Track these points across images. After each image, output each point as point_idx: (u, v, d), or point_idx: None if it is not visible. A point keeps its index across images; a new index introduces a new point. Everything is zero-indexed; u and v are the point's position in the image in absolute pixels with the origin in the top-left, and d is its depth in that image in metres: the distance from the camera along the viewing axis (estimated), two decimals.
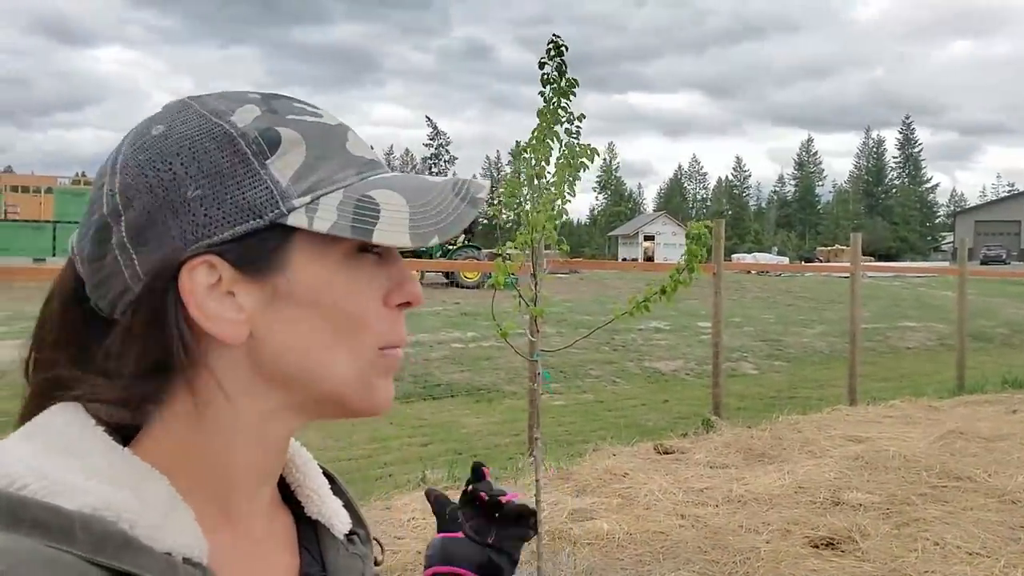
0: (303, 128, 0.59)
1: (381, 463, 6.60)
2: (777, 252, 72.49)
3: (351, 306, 0.59)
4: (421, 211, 0.58)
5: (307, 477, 0.70)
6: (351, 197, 0.58)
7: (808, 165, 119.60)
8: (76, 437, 0.55)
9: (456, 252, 26.84)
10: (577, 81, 3.44)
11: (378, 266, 0.61)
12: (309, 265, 0.58)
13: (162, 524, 0.53)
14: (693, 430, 6.79)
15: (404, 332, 0.62)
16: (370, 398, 0.61)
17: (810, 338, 15.32)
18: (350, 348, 0.59)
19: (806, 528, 3.97)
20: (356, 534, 0.71)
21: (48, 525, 0.49)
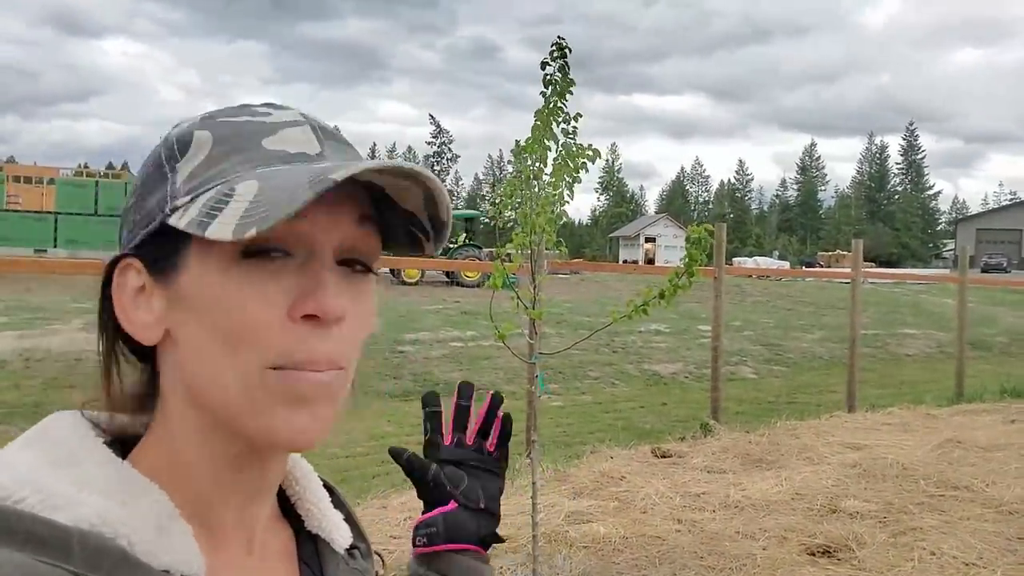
0: (221, 128, 0.57)
1: (379, 461, 6.60)
2: (778, 256, 72.49)
3: (238, 315, 0.53)
4: (260, 200, 0.51)
5: (307, 490, 0.68)
6: (221, 191, 0.54)
7: (811, 169, 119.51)
8: (75, 448, 0.55)
9: (457, 251, 26.84)
10: (574, 81, 3.44)
11: (289, 272, 0.55)
12: (200, 268, 0.55)
13: (160, 540, 0.52)
14: (691, 434, 6.79)
15: (317, 349, 0.54)
16: (265, 427, 0.54)
17: (809, 343, 15.31)
18: (234, 364, 0.54)
19: (803, 535, 3.96)
20: (357, 548, 0.70)
21: (44, 540, 0.48)
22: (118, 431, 0.60)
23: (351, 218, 0.57)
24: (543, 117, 3.39)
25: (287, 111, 0.60)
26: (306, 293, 0.54)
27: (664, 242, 65.53)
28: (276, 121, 0.58)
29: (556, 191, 3.35)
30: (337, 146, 0.59)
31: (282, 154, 0.56)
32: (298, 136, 0.57)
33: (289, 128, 0.58)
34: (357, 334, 0.58)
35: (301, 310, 0.54)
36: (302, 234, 0.55)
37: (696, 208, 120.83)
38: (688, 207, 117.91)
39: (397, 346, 11.77)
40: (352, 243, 0.57)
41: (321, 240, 0.55)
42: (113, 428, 0.60)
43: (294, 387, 0.53)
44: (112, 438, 0.59)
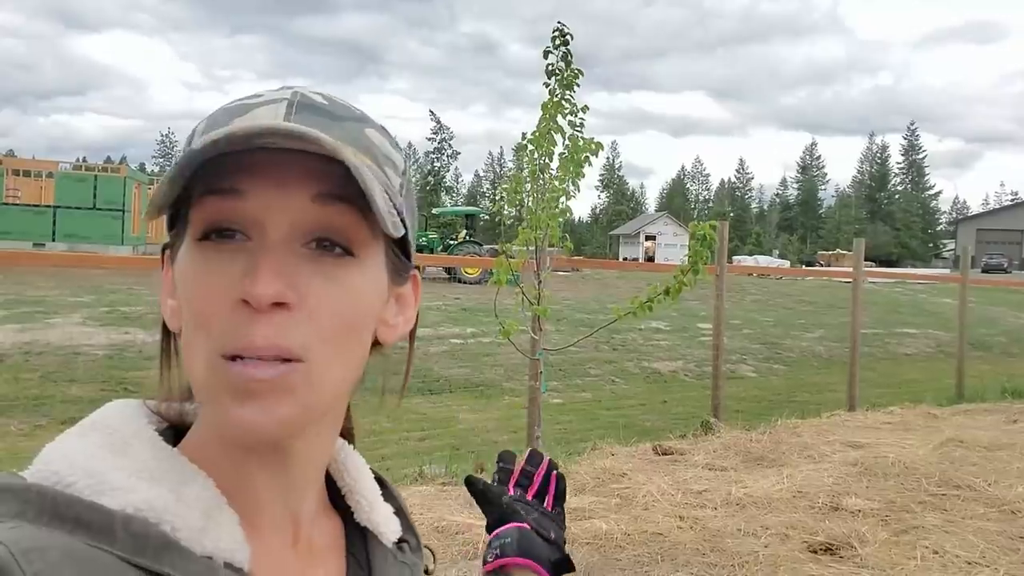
0: (213, 114, 0.57)
1: (378, 456, 6.59)
2: (778, 255, 72.52)
3: (192, 299, 0.53)
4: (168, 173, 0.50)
5: (357, 482, 0.68)
6: None
7: (811, 169, 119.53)
8: (126, 435, 0.55)
9: (457, 247, 26.85)
10: (581, 71, 3.41)
11: (245, 254, 0.53)
12: (180, 254, 0.55)
13: (204, 527, 0.52)
14: (692, 432, 6.79)
15: (247, 336, 0.51)
16: (221, 419, 0.52)
17: (809, 342, 15.32)
18: (197, 351, 0.53)
19: (804, 533, 3.96)
20: (406, 542, 0.69)
21: (90, 524, 0.48)
22: (177, 419, 0.61)
23: (306, 195, 0.53)
24: (548, 110, 3.37)
25: (281, 91, 0.57)
26: (241, 277, 0.51)
27: (664, 240, 65.52)
28: (257, 102, 0.56)
29: (562, 185, 3.33)
30: (311, 120, 0.54)
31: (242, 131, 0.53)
32: (265, 114, 0.55)
33: (263, 107, 0.55)
34: (325, 320, 0.53)
35: (236, 294, 0.51)
36: (249, 214, 0.52)
37: (696, 206, 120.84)
38: (688, 205, 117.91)
39: (397, 342, 11.79)
40: (314, 223, 0.53)
41: (267, 220, 0.53)
42: (172, 416, 0.61)
43: (237, 378, 0.51)
44: (169, 426, 0.60)
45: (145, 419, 0.58)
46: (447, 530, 4.03)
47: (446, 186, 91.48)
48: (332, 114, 0.56)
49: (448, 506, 4.44)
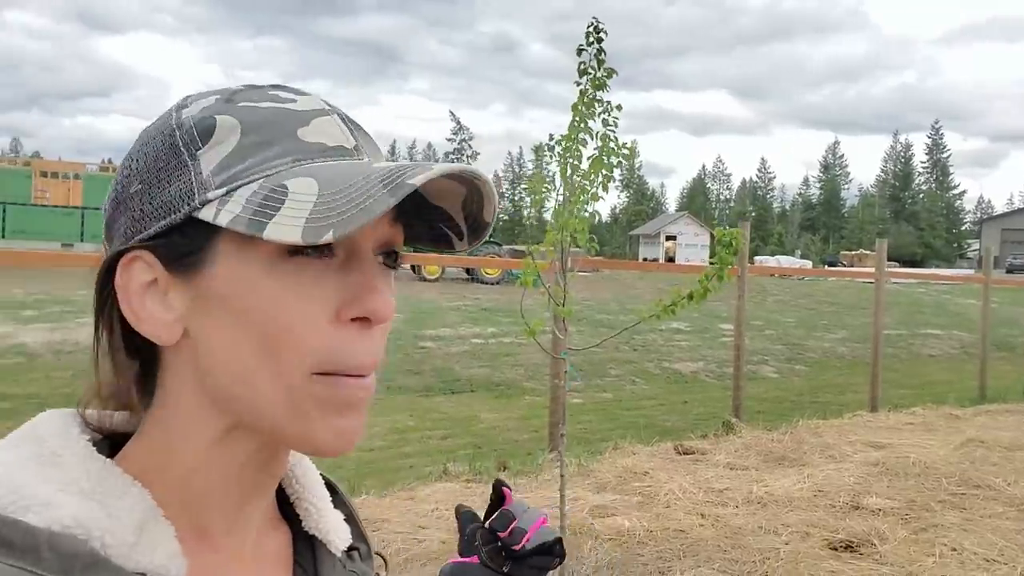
0: (247, 114, 0.54)
1: (402, 454, 6.70)
2: (800, 255, 71.99)
3: (277, 316, 0.51)
4: (327, 201, 0.49)
5: (306, 489, 0.65)
6: (266, 187, 0.50)
7: (834, 168, 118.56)
8: (57, 446, 0.53)
9: (477, 248, 26.94)
10: (615, 71, 3.44)
11: (332, 271, 0.52)
12: (234, 265, 0.52)
13: (136, 541, 0.50)
14: (713, 432, 6.84)
15: (365, 353, 0.52)
16: (307, 435, 0.52)
17: (831, 343, 15.27)
18: (274, 367, 0.51)
19: (825, 531, 4.02)
20: (356, 549, 0.67)
21: (12, 543, 0.46)
22: (112, 430, 0.58)
23: (389, 215, 0.55)
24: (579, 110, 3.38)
25: (308, 97, 0.57)
26: (356, 295, 0.52)
27: (685, 240, 65.19)
28: (306, 109, 0.55)
29: (591, 187, 3.39)
30: (364, 137, 0.57)
31: (320, 147, 0.53)
32: (331, 127, 0.55)
33: (321, 118, 0.55)
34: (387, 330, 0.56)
35: (351, 312, 0.52)
36: None
37: (717, 206, 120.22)
38: (709, 205, 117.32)
39: (419, 342, 11.87)
40: (389, 237, 0.56)
41: (362, 239, 0.53)
42: (109, 427, 0.58)
43: (341, 393, 0.51)
44: (104, 437, 0.58)
45: (78, 430, 0.55)
46: None
47: None
48: (364, 131, 0.58)
49: (472, 502, 4.50)
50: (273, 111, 0.54)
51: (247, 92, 0.56)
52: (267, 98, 0.55)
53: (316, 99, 0.57)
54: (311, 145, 0.53)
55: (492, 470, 5.54)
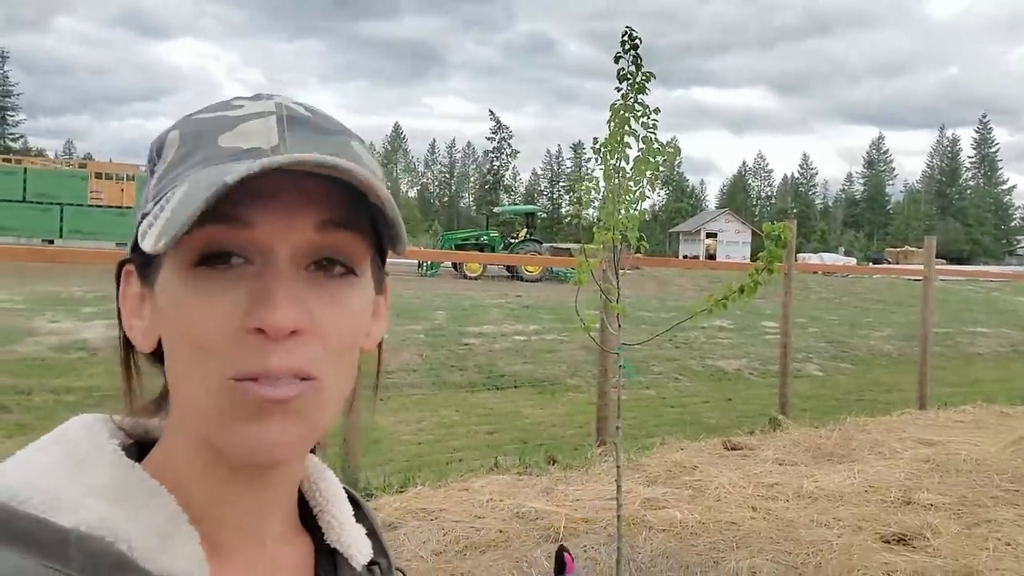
0: (188, 126, 0.55)
1: (450, 448, 6.84)
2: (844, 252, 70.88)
3: (194, 325, 0.51)
4: (177, 207, 0.49)
5: (329, 503, 0.65)
6: (167, 197, 0.52)
7: (878, 164, 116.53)
8: (87, 450, 0.54)
9: (518, 246, 27.09)
10: (653, 75, 3.53)
11: (247, 279, 0.52)
12: (166, 277, 0.53)
13: (161, 545, 0.51)
14: (760, 428, 6.87)
15: (264, 362, 0.51)
16: (229, 441, 0.52)
17: (877, 341, 15.11)
18: (196, 374, 0.52)
19: (877, 525, 4.06)
20: (377, 564, 0.67)
21: (42, 542, 0.48)
22: (142, 435, 0.60)
23: (312, 220, 0.53)
24: (619, 115, 3.48)
25: (263, 102, 0.56)
26: (253, 305, 0.51)
27: (725, 238, 64.61)
28: (241, 114, 0.54)
29: (637, 187, 3.48)
30: (305, 136, 0.54)
31: (234, 151, 0.52)
32: (257, 129, 0.53)
33: (251, 121, 0.54)
34: (333, 341, 0.53)
35: (249, 322, 0.51)
36: (255, 241, 0.52)
37: (758, 203, 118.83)
38: (750, 202, 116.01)
39: (462, 338, 12.02)
40: (318, 246, 0.53)
41: (273, 246, 0.52)
42: (142, 432, 0.60)
43: (252, 401, 0.51)
44: (134, 442, 0.59)
45: (108, 434, 0.57)
46: (527, 516, 4.25)
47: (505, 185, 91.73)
48: (321, 128, 0.55)
49: (525, 494, 4.66)
50: (212, 120, 0.55)
51: (214, 105, 0.57)
52: (219, 108, 0.56)
53: (271, 103, 0.55)
54: (225, 150, 0.52)
55: (541, 464, 5.65)
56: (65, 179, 23.12)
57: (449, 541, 3.84)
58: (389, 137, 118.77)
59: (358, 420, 5.20)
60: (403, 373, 9.79)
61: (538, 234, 31.30)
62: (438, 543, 3.83)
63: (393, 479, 5.20)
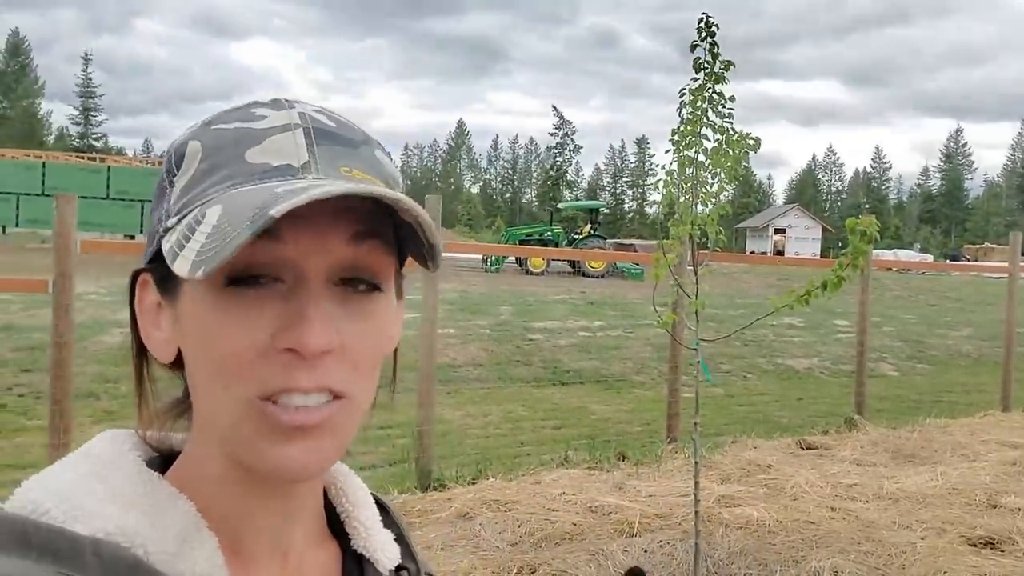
0: (210, 137, 0.54)
1: (517, 442, 6.89)
2: (919, 249, 68.58)
3: (220, 345, 0.51)
4: (216, 233, 0.49)
5: (356, 508, 0.65)
6: (195, 216, 0.51)
7: (956, 157, 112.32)
8: (108, 462, 0.55)
9: (582, 242, 27.03)
10: (732, 63, 3.46)
11: (277, 298, 0.52)
12: (194, 294, 0.53)
13: (179, 551, 0.52)
14: (835, 428, 6.73)
15: (292, 381, 0.51)
16: (258, 458, 0.52)
17: (956, 341, 14.61)
18: (224, 394, 0.52)
19: (962, 527, 3.95)
20: (406, 569, 0.66)
21: (59, 551, 0.48)
22: (168, 449, 0.61)
23: (342, 237, 0.53)
24: (695, 104, 3.43)
25: (286, 112, 0.55)
26: (286, 326, 0.51)
27: (795, 234, 63.14)
28: (265, 127, 0.54)
29: (715, 179, 3.44)
30: (333, 151, 0.54)
31: (263, 168, 0.52)
32: (285, 144, 0.53)
33: (277, 135, 0.53)
34: (361, 357, 0.54)
35: (282, 343, 0.51)
36: (286, 259, 0.52)
37: (828, 198, 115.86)
38: (820, 197, 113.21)
39: (527, 334, 12.06)
40: (349, 263, 0.53)
41: (306, 265, 0.52)
42: (164, 446, 0.61)
43: (281, 420, 0.51)
44: (159, 455, 0.60)
45: (131, 447, 0.57)
46: (600, 510, 4.26)
47: (567, 181, 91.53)
48: (347, 140, 0.55)
49: (598, 488, 4.67)
50: (234, 132, 0.54)
51: (231, 113, 0.56)
52: (240, 118, 0.55)
53: (293, 113, 0.55)
54: (254, 167, 0.52)
55: (612, 459, 5.66)
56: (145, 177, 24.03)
57: (524, 533, 3.88)
58: (453, 133, 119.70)
59: (432, 414, 5.29)
60: (469, 368, 9.89)
61: (602, 230, 31.18)
62: (513, 534, 3.88)
63: (465, 471, 5.27)
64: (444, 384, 8.34)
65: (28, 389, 7.43)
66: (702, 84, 3.45)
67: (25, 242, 22.48)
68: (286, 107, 0.55)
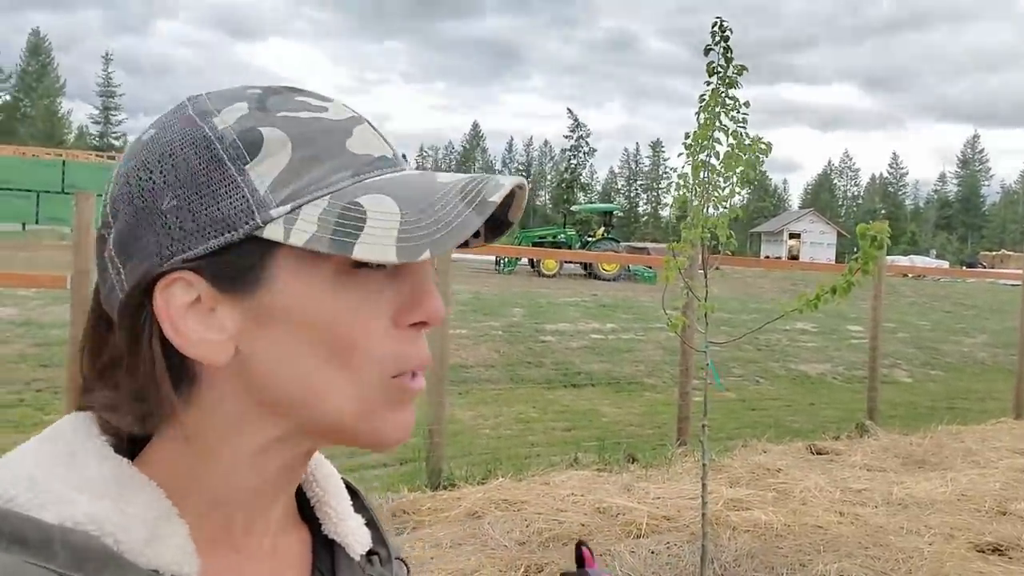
0: (292, 126, 0.53)
1: (528, 443, 6.92)
2: (935, 255, 68.07)
3: (345, 328, 0.52)
4: (415, 219, 0.50)
5: (327, 493, 0.65)
6: (336, 205, 0.51)
7: (973, 163, 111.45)
8: (75, 446, 0.53)
9: (595, 244, 27.02)
10: (745, 68, 3.49)
11: (389, 279, 0.54)
12: (296, 281, 0.52)
13: (150, 539, 0.51)
14: (846, 433, 6.72)
15: (423, 353, 0.55)
16: (375, 432, 0.55)
17: (970, 347, 14.52)
18: (348, 375, 0.53)
19: (970, 534, 3.95)
20: (376, 554, 0.67)
21: (26, 539, 0.47)
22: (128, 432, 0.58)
23: None
24: (710, 109, 3.46)
25: (334, 103, 0.57)
26: (414, 300, 0.54)
27: (810, 238, 62.81)
28: (342, 118, 0.55)
29: (727, 183, 3.46)
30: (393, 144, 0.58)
31: (368, 159, 0.54)
32: (370, 137, 0.56)
33: (358, 127, 0.56)
34: None
35: (410, 318, 0.54)
36: None
37: (844, 203, 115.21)
38: (835, 202, 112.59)
39: (539, 336, 12.08)
40: None
41: None
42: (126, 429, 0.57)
43: (407, 392, 0.55)
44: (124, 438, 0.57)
45: (97, 431, 0.55)
46: (608, 511, 4.29)
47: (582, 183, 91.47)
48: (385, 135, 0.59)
49: (606, 490, 4.69)
50: (316, 122, 0.54)
51: (275, 98, 0.55)
52: (300, 106, 0.55)
53: (340, 104, 0.57)
54: (361, 157, 0.54)
55: (621, 461, 5.67)
56: None
57: (532, 532, 3.91)
58: (468, 136, 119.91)
59: (443, 414, 5.33)
60: (481, 368, 9.92)
61: (615, 233, 31.16)
62: (521, 534, 3.91)
63: (475, 471, 5.31)
64: (456, 384, 8.39)
65: (46, 384, 7.53)
66: (715, 88, 3.47)
67: (44, 239, 22.71)
68: (325, 99, 0.57)
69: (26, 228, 25.96)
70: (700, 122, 3.49)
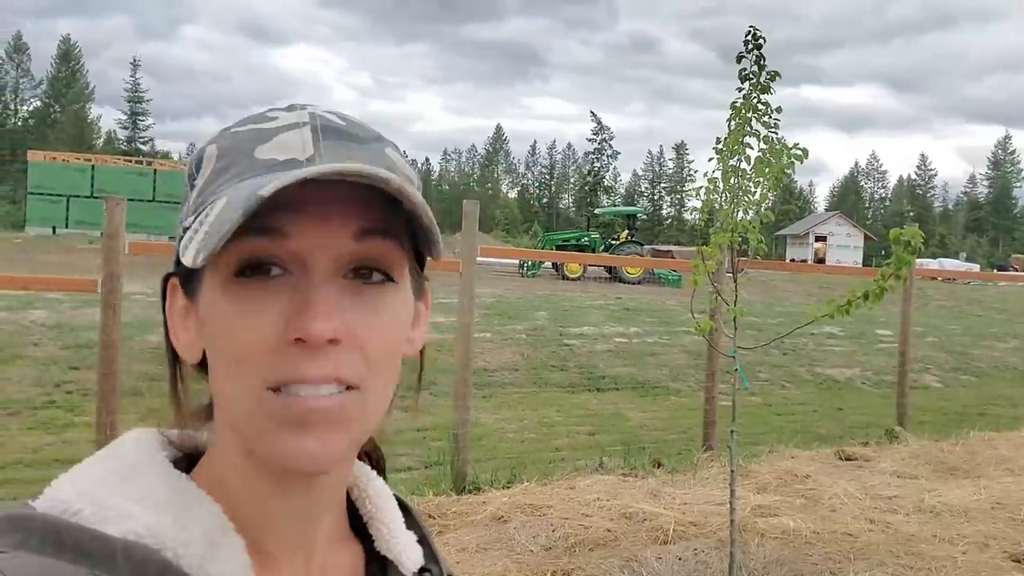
0: (226, 139, 0.56)
1: (552, 447, 6.89)
2: (965, 258, 67.04)
3: (231, 336, 0.52)
4: (215, 221, 0.50)
5: (379, 510, 0.66)
6: (205, 211, 0.53)
7: (1005, 164, 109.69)
8: (136, 462, 0.56)
9: (619, 247, 26.93)
10: (778, 74, 3.47)
11: (286, 289, 0.53)
12: (208, 289, 0.54)
13: (208, 553, 0.52)
14: (876, 440, 6.63)
15: (313, 371, 0.51)
16: (271, 451, 0.53)
17: (1002, 352, 14.26)
18: (237, 385, 0.53)
19: (1006, 543, 3.87)
20: (428, 571, 0.66)
21: (91, 552, 0.49)
22: (193, 449, 0.61)
23: (348, 229, 0.53)
24: (741, 114, 3.44)
25: (297, 112, 0.56)
26: (293, 315, 0.52)
27: (836, 241, 62.11)
28: (276, 126, 0.55)
29: (757, 188, 3.43)
30: (339, 145, 0.54)
31: (269, 163, 0.53)
32: (292, 140, 0.54)
33: (286, 132, 0.54)
34: (372, 349, 0.54)
35: (291, 333, 0.52)
36: (292, 251, 0.53)
37: (871, 206, 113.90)
38: (862, 204, 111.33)
39: (563, 339, 12.05)
40: (356, 254, 0.54)
41: (310, 256, 0.53)
42: (190, 446, 0.61)
43: (292, 411, 0.52)
44: (185, 454, 0.60)
45: (158, 447, 0.58)
46: (635, 516, 4.26)
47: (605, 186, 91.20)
48: (355, 136, 0.56)
49: (632, 495, 4.66)
50: (247, 132, 0.55)
51: (250, 118, 0.57)
52: (255, 120, 0.57)
53: (304, 113, 0.56)
54: (260, 162, 0.53)
55: (647, 466, 5.64)
56: None
57: (558, 538, 3.90)
58: (491, 139, 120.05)
59: (468, 418, 5.32)
60: (505, 372, 9.91)
61: (639, 236, 31.03)
62: (547, 539, 3.89)
63: (499, 475, 5.30)
64: (480, 388, 8.38)
65: (76, 386, 7.62)
66: (747, 94, 3.46)
67: (75, 242, 23.07)
68: (298, 108, 0.57)
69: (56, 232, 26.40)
70: (731, 127, 3.47)
